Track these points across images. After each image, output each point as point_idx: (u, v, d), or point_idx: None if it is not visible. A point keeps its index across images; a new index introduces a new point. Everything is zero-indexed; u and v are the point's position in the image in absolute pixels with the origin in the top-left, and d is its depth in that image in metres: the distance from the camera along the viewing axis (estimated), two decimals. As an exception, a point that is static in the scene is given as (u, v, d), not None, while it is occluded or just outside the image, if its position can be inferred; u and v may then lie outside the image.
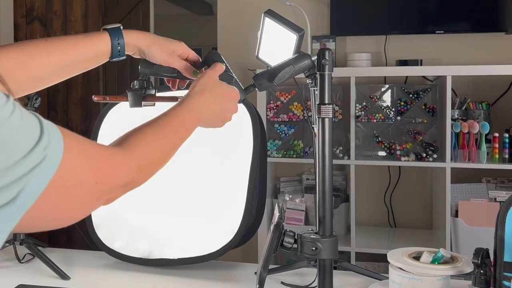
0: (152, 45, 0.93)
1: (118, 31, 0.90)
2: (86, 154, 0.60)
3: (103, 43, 0.89)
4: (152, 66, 0.94)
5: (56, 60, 0.86)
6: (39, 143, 0.52)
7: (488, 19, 2.50)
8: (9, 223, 0.52)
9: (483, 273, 0.92)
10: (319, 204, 0.85)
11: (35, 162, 0.52)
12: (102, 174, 0.62)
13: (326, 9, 2.66)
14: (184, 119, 0.81)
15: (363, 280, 1.20)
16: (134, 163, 0.68)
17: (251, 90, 0.88)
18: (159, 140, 0.74)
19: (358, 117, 2.41)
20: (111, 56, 0.91)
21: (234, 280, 1.23)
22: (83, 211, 0.62)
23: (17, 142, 0.51)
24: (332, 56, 0.84)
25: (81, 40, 0.89)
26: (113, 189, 0.64)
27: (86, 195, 0.60)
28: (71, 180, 0.57)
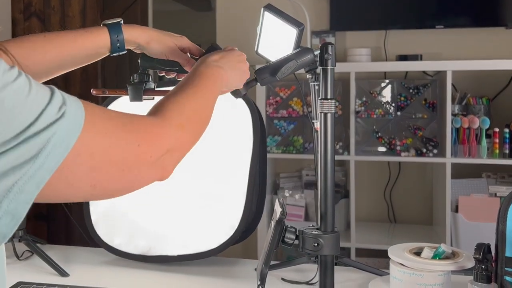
0: (152, 41, 0.92)
1: (117, 26, 0.90)
2: (117, 118, 0.59)
3: (102, 39, 0.89)
4: (153, 60, 0.93)
5: (55, 56, 0.86)
6: (51, 102, 0.52)
7: (488, 14, 2.49)
8: (34, 183, 0.51)
9: (485, 268, 0.91)
10: (320, 200, 0.85)
11: (51, 120, 0.51)
12: (141, 136, 0.60)
13: (325, 4, 2.65)
14: (208, 78, 0.79)
15: (363, 276, 1.20)
16: (172, 123, 0.66)
17: (253, 84, 0.87)
18: (189, 100, 0.72)
19: (358, 113, 2.40)
20: (111, 52, 0.91)
21: (234, 276, 1.23)
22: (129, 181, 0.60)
23: (27, 104, 0.51)
24: (335, 50, 0.83)
25: (80, 35, 0.88)
26: (159, 155, 0.62)
27: (126, 159, 0.58)
28: (104, 140, 0.56)
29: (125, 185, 0.60)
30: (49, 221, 3.12)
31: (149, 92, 0.94)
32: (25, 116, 0.50)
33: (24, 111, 0.50)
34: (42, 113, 0.51)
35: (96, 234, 1.31)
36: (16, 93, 0.51)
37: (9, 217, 0.51)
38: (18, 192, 0.51)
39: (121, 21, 0.91)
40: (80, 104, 0.56)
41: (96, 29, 0.90)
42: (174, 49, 0.93)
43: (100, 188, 0.57)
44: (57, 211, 3.17)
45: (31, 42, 0.85)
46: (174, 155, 0.66)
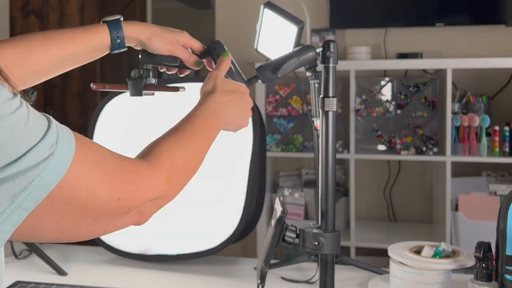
0: (153, 37, 0.91)
1: (117, 23, 0.89)
2: (106, 166, 0.56)
3: (102, 36, 0.88)
4: (154, 56, 0.92)
5: (54, 55, 0.85)
6: (44, 139, 0.50)
7: (488, 12, 2.48)
8: (11, 222, 0.50)
9: (485, 266, 0.91)
10: (321, 199, 0.84)
11: (39, 159, 0.49)
12: (127, 189, 0.58)
13: (325, 2, 2.64)
14: (204, 120, 0.78)
15: (363, 274, 1.19)
16: (161, 174, 0.64)
17: (253, 81, 0.87)
18: (184, 146, 0.70)
19: (358, 111, 2.40)
20: (111, 49, 0.89)
21: (234, 275, 1.22)
22: (101, 228, 0.58)
23: (20, 138, 0.49)
24: (337, 48, 0.82)
25: (79, 33, 0.87)
26: (139, 204, 0.60)
27: (102, 212, 0.55)
28: (84, 193, 0.53)
29: (96, 232, 0.58)
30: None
31: (149, 87, 0.93)
32: (16, 150, 0.48)
33: (16, 145, 0.49)
34: (33, 148, 0.49)
35: (95, 233, 1.30)
36: (13, 125, 0.49)
37: None
38: None
39: (121, 18, 0.90)
40: (72, 142, 0.53)
41: (96, 27, 0.89)
42: (175, 45, 0.92)
43: (67, 234, 0.56)
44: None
45: (30, 41, 0.84)
46: (156, 203, 0.65)
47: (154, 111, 1.33)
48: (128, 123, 1.34)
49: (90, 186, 0.54)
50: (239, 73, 0.93)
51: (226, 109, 0.83)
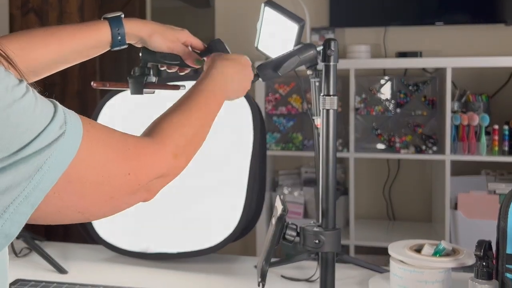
0: (154, 34, 0.91)
1: (118, 20, 0.89)
2: (112, 144, 0.58)
3: (103, 32, 0.88)
4: (154, 54, 0.92)
5: (55, 51, 0.85)
6: (53, 121, 0.52)
7: (487, 11, 2.48)
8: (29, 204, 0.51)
9: (486, 265, 0.91)
10: (322, 197, 0.84)
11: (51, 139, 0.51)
12: (133, 164, 0.59)
13: (325, 1, 2.64)
14: (209, 94, 0.78)
15: (363, 273, 1.20)
16: (167, 150, 0.65)
17: (254, 80, 0.87)
18: (188, 121, 0.71)
19: (358, 110, 2.40)
20: (112, 46, 0.89)
21: (234, 273, 1.22)
22: (115, 206, 0.60)
23: (31, 121, 0.50)
24: (337, 46, 0.82)
25: (80, 29, 0.87)
26: (148, 181, 0.62)
27: (115, 189, 0.58)
28: (96, 170, 0.55)
29: (112, 209, 0.60)
30: (47, 218, 3.11)
31: (150, 85, 0.93)
32: (28, 133, 0.50)
33: (27, 128, 0.50)
34: (44, 131, 0.51)
35: (95, 231, 1.30)
36: (23, 110, 0.50)
37: (1, 237, 0.51)
38: (13, 213, 0.50)
39: (122, 14, 0.90)
40: (79, 123, 0.55)
41: (96, 23, 0.89)
42: (175, 43, 0.92)
43: (87, 214, 0.58)
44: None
45: (31, 37, 0.84)
46: (163, 180, 0.66)
47: (154, 109, 1.32)
48: (128, 121, 1.34)
49: (101, 163, 0.56)
50: None
51: (227, 79, 0.84)
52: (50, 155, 0.51)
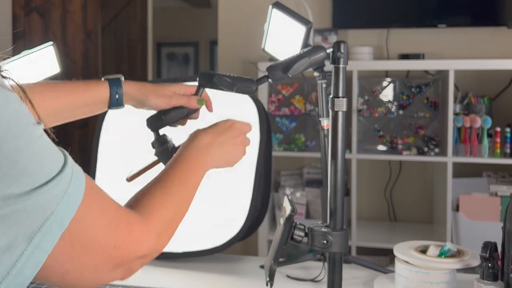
0: (150, 93, 0.92)
1: (117, 81, 0.91)
2: (109, 212, 0.57)
3: (102, 91, 0.89)
4: (161, 119, 0.92)
5: (52, 104, 0.85)
6: (62, 172, 0.50)
7: (490, 13, 2.49)
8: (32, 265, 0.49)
9: (491, 266, 0.92)
10: (330, 198, 0.85)
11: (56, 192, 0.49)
12: (123, 239, 0.58)
13: (328, 2, 2.65)
14: (190, 165, 0.77)
15: (367, 273, 1.20)
16: (153, 231, 0.65)
17: (264, 81, 0.87)
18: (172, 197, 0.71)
19: (360, 111, 2.41)
20: (110, 105, 0.91)
21: (239, 273, 1.23)
22: (95, 278, 0.57)
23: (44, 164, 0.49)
24: (347, 49, 0.83)
25: (80, 85, 0.89)
26: (131, 259, 0.61)
27: (101, 259, 0.56)
28: (88, 234, 0.54)
29: (93, 281, 0.58)
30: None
31: (176, 149, 0.93)
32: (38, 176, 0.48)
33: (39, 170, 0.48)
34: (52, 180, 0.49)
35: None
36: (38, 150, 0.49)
37: None
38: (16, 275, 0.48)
39: (122, 77, 0.92)
40: (83, 182, 0.53)
41: (97, 81, 0.91)
42: (172, 97, 0.93)
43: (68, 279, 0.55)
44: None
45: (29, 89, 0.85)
46: (144, 260, 0.65)
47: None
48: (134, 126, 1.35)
49: (95, 229, 0.54)
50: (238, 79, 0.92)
51: (212, 149, 0.83)
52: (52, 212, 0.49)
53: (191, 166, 0.78)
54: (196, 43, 5.69)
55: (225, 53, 2.82)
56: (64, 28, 3.11)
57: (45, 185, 0.48)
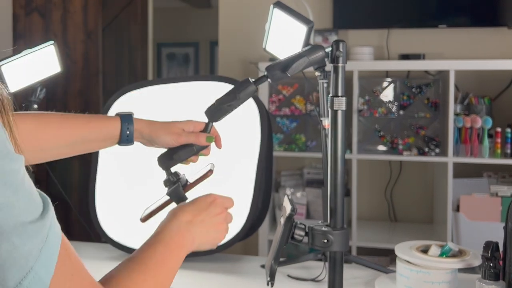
0: (159, 130, 0.92)
1: (129, 117, 0.90)
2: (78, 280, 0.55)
3: (114, 126, 0.89)
4: (171, 158, 0.91)
5: (66, 135, 0.86)
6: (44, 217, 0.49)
7: (490, 14, 2.49)
8: None
9: (493, 266, 0.92)
10: (331, 197, 0.85)
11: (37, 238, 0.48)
12: None
13: (328, 2, 2.65)
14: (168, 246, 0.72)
15: (368, 273, 1.20)
16: None
17: (263, 80, 0.87)
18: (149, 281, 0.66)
19: (361, 111, 2.41)
20: (120, 141, 0.90)
21: (240, 272, 1.23)
22: None
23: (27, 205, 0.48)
24: (346, 48, 0.83)
25: (92, 119, 0.89)
26: None
27: None
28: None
29: None
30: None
31: (188, 187, 0.93)
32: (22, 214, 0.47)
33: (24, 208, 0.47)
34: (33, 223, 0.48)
35: (102, 230, 1.31)
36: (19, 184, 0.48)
37: None
38: None
39: (133, 114, 0.92)
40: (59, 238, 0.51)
41: (108, 117, 0.91)
42: (181, 134, 0.92)
43: None
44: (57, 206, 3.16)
45: (47, 117, 0.85)
46: None
47: (160, 109, 1.33)
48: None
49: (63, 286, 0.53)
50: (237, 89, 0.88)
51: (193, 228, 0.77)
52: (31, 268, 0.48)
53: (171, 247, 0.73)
54: (196, 43, 5.69)
55: (226, 53, 2.82)
56: (64, 28, 3.11)
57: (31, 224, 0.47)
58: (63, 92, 3.15)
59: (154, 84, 1.36)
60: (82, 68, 3.14)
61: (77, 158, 0.84)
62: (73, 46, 3.11)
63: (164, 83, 1.35)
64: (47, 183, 3.05)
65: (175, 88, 1.34)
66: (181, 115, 1.31)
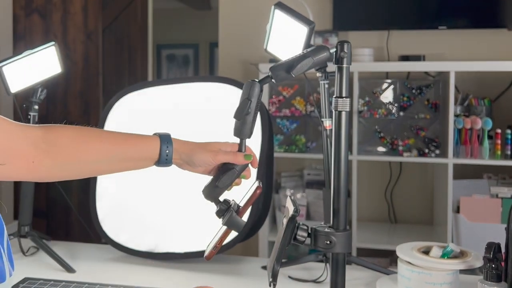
0: (196, 148, 0.91)
1: (168, 137, 0.89)
2: None
3: (153, 146, 0.87)
4: (216, 186, 0.90)
5: (106, 149, 0.85)
6: None
7: (490, 15, 2.50)
8: None
9: (495, 267, 0.91)
10: (333, 198, 0.85)
11: None
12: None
13: (328, 4, 2.65)
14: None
15: (370, 274, 1.20)
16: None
17: (267, 81, 0.87)
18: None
19: (361, 112, 2.41)
20: (158, 162, 0.88)
21: (240, 273, 1.23)
22: None
23: None
24: (350, 49, 0.83)
25: (131, 137, 0.88)
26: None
27: None
28: None
29: None
30: (48, 218, 3.10)
31: (241, 211, 0.91)
32: None
33: None
34: None
35: (102, 231, 1.30)
36: None
37: None
38: None
39: (170, 134, 0.91)
40: None
41: (147, 136, 0.89)
42: (218, 152, 0.90)
43: None
44: (57, 208, 3.15)
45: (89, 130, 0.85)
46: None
47: (161, 110, 1.33)
48: (136, 122, 1.34)
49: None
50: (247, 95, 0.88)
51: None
52: None
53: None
54: (196, 44, 5.69)
55: (226, 54, 2.82)
56: (64, 29, 3.10)
57: None
58: (63, 93, 3.15)
59: (155, 85, 1.35)
60: (82, 69, 3.14)
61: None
62: (73, 47, 3.10)
63: (164, 84, 1.35)
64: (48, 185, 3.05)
65: (176, 89, 1.34)
66: (182, 116, 1.31)
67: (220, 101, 1.28)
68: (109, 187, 1.32)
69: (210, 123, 1.27)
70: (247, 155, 0.91)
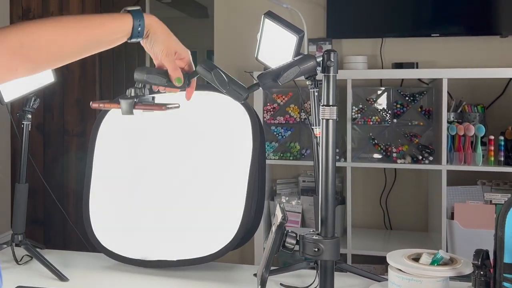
0: (163, 31, 0.94)
1: (139, 13, 0.92)
2: None
3: (127, 23, 0.91)
4: (144, 71, 0.94)
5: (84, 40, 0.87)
6: None
7: (483, 23, 2.52)
8: None
9: (483, 274, 0.92)
10: (321, 206, 0.86)
11: None
12: None
13: (322, 12, 2.67)
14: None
15: (361, 281, 1.21)
16: None
17: (254, 88, 0.88)
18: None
19: (355, 120, 2.42)
20: (131, 37, 0.92)
21: (233, 281, 1.23)
22: None
23: None
24: (337, 57, 0.84)
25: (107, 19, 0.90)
26: None
27: None
28: None
29: None
30: (45, 226, 3.10)
31: (138, 105, 0.96)
32: None
33: None
34: None
35: (96, 239, 1.31)
36: None
37: None
38: None
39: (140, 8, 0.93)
40: None
41: (120, 14, 0.92)
42: (171, 54, 0.94)
43: None
44: (54, 216, 3.15)
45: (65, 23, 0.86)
46: None
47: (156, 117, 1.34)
48: (131, 130, 1.35)
49: None
50: (233, 81, 0.94)
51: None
52: None
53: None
54: (193, 52, 5.73)
55: (221, 62, 2.84)
56: (60, 37, 3.11)
57: None
58: (60, 101, 3.16)
59: (150, 93, 1.36)
60: (79, 77, 3.15)
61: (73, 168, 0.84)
62: (69, 55, 3.11)
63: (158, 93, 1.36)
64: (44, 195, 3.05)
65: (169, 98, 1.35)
66: (175, 123, 1.32)
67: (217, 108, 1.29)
68: (102, 195, 1.33)
69: (202, 130, 1.28)
70: (179, 78, 0.94)
